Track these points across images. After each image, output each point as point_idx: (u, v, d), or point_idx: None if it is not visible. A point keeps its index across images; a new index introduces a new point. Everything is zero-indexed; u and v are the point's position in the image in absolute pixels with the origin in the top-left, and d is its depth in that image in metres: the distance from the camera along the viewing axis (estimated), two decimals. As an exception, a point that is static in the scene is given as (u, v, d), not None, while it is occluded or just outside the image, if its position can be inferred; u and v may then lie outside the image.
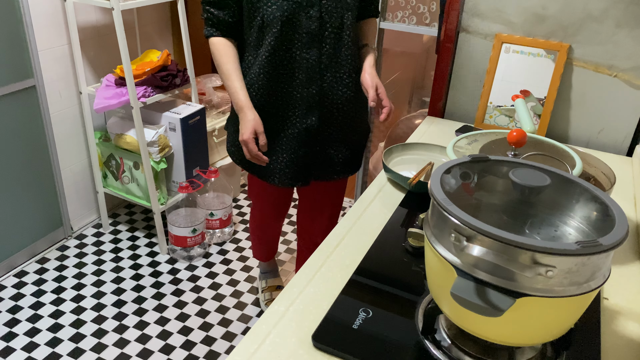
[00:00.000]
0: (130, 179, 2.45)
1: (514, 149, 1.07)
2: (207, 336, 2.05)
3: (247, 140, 1.43)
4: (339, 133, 1.58)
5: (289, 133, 1.53)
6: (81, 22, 2.36)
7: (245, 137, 1.43)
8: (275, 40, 1.40)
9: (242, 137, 1.43)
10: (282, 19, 1.38)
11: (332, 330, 0.87)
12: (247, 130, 1.42)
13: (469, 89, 1.73)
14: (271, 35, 1.40)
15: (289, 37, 1.41)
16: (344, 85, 1.50)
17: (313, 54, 1.43)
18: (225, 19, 1.44)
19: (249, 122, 1.43)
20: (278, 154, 1.56)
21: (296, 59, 1.44)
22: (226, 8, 1.43)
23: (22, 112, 2.22)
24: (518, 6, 1.57)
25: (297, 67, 1.45)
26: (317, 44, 1.43)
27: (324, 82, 1.48)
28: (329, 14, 1.41)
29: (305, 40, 1.41)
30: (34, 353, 1.95)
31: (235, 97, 1.45)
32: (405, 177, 1.30)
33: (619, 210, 0.73)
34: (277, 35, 1.39)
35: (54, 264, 2.40)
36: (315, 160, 1.59)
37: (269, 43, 1.41)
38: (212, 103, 2.80)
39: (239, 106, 1.45)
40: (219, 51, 1.46)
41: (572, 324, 0.78)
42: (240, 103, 1.44)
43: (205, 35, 1.48)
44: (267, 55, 1.43)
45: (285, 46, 1.42)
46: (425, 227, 0.79)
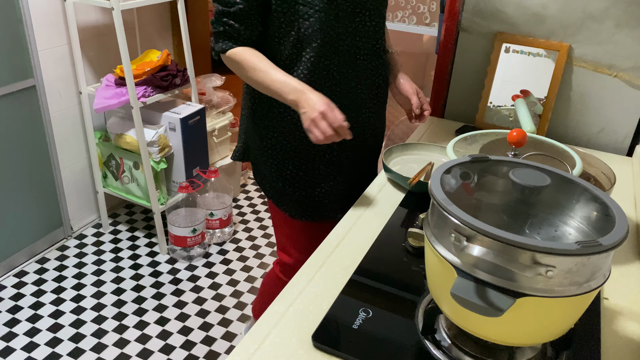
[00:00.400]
0: (130, 179, 2.45)
1: (514, 149, 1.07)
2: (207, 336, 2.05)
3: (326, 109, 1.14)
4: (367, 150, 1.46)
5: (326, 158, 1.37)
6: (81, 22, 2.36)
7: (323, 108, 1.14)
8: (315, 57, 1.25)
9: (319, 109, 1.14)
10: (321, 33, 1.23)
11: (332, 330, 0.87)
12: (321, 101, 1.15)
13: (469, 89, 1.73)
14: (310, 50, 1.24)
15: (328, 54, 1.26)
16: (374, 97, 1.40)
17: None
18: (246, 34, 1.23)
19: (319, 96, 1.16)
20: (321, 185, 1.39)
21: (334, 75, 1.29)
22: (249, 21, 1.23)
23: (22, 112, 2.22)
24: (518, 6, 1.57)
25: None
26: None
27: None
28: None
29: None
30: (34, 353, 1.95)
31: (287, 87, 1.19)
32: (405, 177, 1.30)
33: (619, 210, 0.73)
34: (317, 50, 1.24)
35: (54, 264, 2.40)
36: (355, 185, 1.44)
37: (307, 59, 1.25)
38: (212, 103, 2.80)
39: (298, 90, 1.18)
40: (245, 56, 1.23)
41: (572, 324, 0.78)
42: (299, 87, 1.18)
43: (219, 50, 1.26)
44: (306, 73, 1.26)
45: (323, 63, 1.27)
46: (425, 227, 0.79)
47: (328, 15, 1.21)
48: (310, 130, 1.16)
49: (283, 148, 1.35)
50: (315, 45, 1.23)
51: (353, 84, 1.31)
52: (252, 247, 2.58)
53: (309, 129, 1.16)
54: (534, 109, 1.60)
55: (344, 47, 1.26)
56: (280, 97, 1.21)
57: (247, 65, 1.23)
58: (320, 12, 1.20)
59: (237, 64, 1.25)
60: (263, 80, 1.22)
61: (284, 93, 1.20)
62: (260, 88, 1.24)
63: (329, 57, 1.26)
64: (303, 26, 1.22)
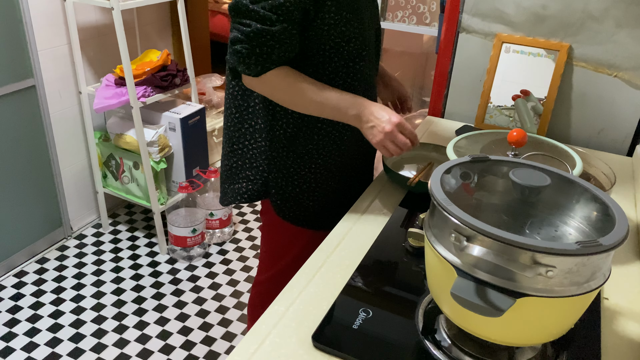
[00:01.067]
0: (130, 179, 2.45)
1: (514, 149, 1.07)
2: (207, 336, 2.05)
3: (401, 120, 1.10)
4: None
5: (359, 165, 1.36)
6: (81, 22, 2.36)
7: (398, 119, 1.10)
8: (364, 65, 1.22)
9: (394, 121, 1.09)
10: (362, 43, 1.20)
11: (332, 330, 0.87)
12: (391, 113, 1.11)
13: (469, 89, 1.73)
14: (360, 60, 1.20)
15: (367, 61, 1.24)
16: None
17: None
18: (285, 56, 1.11)
19: (382, 107, 1.12)
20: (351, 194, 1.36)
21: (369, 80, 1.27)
22: (290, 41, 1.10)
23: (22, 112, 2.22)
24: (518, 6, 1.57)
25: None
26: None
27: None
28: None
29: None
30: (33, 353, 1.95)
31: (345, 102, 1.12)
32: (405, 177, 1.30)
33: (619, 210, 0.73)
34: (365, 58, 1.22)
35: (54, 264, 2.40)
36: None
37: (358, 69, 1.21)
38: (212, 103, 2.81)
39: (358, 104, 1.12)
40: (288, 77, 1.12)
41: (572, 324, 0.78)
42: (358, 100, 1.13)
43: (251, 74, 1.11)
44: (356, 85, 1.22)
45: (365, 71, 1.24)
46: (425, 227, 0.79)
47: (364, 21, 1.19)
48: (384, 144, 1.11)
49: (327, 167, 1.28)
50: (365, 54, 1.20)
51: (374, 84, 1.32)
52: (252, 247, 2.58)
53: (381, 144, 1.11)
54: (534, 109, 1.61)
55: (370, 51, 1.26)
56: (339, 114, 1.13)
57: (294, 86, 1.12)
58: (363, 20, 1.18)
59: (279, 86, 1.13)
60: (315, 99, 1.12)
61: (343, 109, 1.12)
62: (308, 108, 1.15)
63: (367, 65, 1.24)
64: (354, 36, 1.16)
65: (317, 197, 1.31)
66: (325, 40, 1.14)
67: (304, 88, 1.12)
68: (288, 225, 1.34)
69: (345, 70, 1.19)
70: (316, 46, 1.15)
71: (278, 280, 1.43)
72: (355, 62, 1.19)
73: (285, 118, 1.22)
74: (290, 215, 1.33)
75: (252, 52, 1.08)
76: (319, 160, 1.26)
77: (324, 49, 1.15)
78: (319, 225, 1.35)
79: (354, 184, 1.37)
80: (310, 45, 1.15)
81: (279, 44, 1.08)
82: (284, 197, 1.30)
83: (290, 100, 1.15)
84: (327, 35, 1.14)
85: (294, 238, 1.38)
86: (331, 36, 1.14)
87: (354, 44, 1.17)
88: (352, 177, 1.36)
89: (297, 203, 1.31)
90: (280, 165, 1.27)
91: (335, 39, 1.15)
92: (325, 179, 1.29)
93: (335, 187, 1.32)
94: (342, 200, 1.35)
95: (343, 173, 1.32)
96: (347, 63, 1.18)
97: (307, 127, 1.22)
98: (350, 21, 1.15)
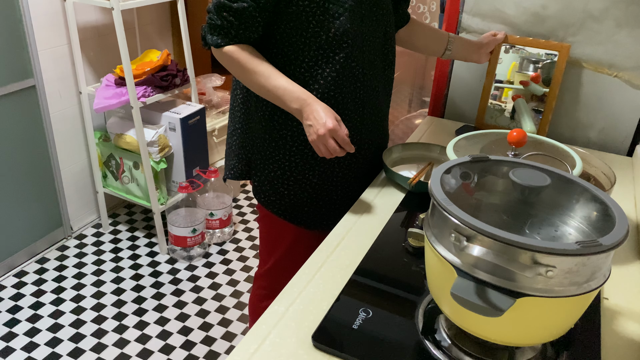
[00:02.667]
0: (130, 179, 2.45)
1: (514, 149, 1.07)
2: (207, 336, 2.05)
3: (335, 126, 1.12)
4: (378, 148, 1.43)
5: (345, 163, 1.33)
6: (81, 22, 2.36)
7: (332, 125, 1.11)
8: (344, 58, 1.21)
9: (328, 126, 1.11)
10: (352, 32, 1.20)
11: (332, 330, 0.87)
12: (329, 116, 1.12)
13: (469, 89, 1.73)
14: (340, 51, 1.20)
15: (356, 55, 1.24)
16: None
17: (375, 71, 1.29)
18: (245, 35, 1.16)
19: (325, 109, 1.13)
20: (338, 191, 1.35)
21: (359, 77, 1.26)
22: (250, 22, 1.15)
23: (22, 112, 2.22)
24: (518, 6, 1.57)
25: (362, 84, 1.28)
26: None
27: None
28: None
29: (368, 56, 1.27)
30: (33, 353, 1.95)
31: (290, 95, 1.15)
32: (405, 177, 1.30)
33: (619, 210, 0.73)
34: (347, 51, 1.21)
35: (54, 264, 2.40)
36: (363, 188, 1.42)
37: (337, 61, 1.21)
38: (212, 103, 2.81)
39: (302, 99, 1.14)
40: (244, 56, 1.16)
41: (572, 324, 0.78)
42: (302, 95, 1.15)
43: (212, 44, 1.18)
44: (334, 76, 1.22)
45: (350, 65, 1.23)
46: (425, 227, 0.79)
47: (355, 14, 1.19)
48: (316, 145, 1.14)
49: (304, 158, 1.29)
50: (346, 46, 1.19)
51: (373, 85, 1.30)
52: (252, 247, 2.58)
53: (315, 144, 1.14)
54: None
55: (366, 48, 1.24)
56: (282, 104, 1.17)
57: (246, 67, 1.16)
58: (349, 11, 1.18)
59: (233, 63, 1.18)
60: (264, 84, 1.16)
61: (287, 101, 1.15)
62: (259, 92, 1.20)
63: (355, 59, 1.22)
64: (334, 26, 1.17)
65: (292, 186, 1.32)
66: (305, 26, 1.17)
67: (255, 71, 1.16)
68: (274, 219, 1.38)
69: (324, 59, 1.20)
70: (297, 31, 1.18)
71: (272, 275, 1.48)
72: (335, 53, 1.19)
73: (263, 101, 1.25)
74: (265, 199, 1.37)
75: (214, 24, 1.15)
76: (294, 147, 1.28)
77: (304, 35, 1.18)
78: (299, 219, 1.36)
79: (343, 186, 1.34)
80: (291, 30, 1.18)
81: (238, 21, 1.14)
82: (261, 179, 1.35)
83: (242, 80, 1.20)
84: (305, 22, 1.17)
85: (282, 232, 1.40)
86: (310, 23, 1.17)
87: (333, 34, 1.17)
88: (340, 177, 1.33)
89: (273, 188, 1.34)
90: (260, 146, 1.31)
91: (314, 28, 1.17)
92: (301, 170, 1.30)
93: (316, 184, 1.32)
94: (329, 201, 1.35)
95: (326, 170, 1.31)
96: (327, 52, 1.19)
97: (282, 112, 1.25)
98: (328, 11, 1.16)
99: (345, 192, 1.36)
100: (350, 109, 1.26)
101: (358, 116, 1.29)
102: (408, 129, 2.67)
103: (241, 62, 1.17)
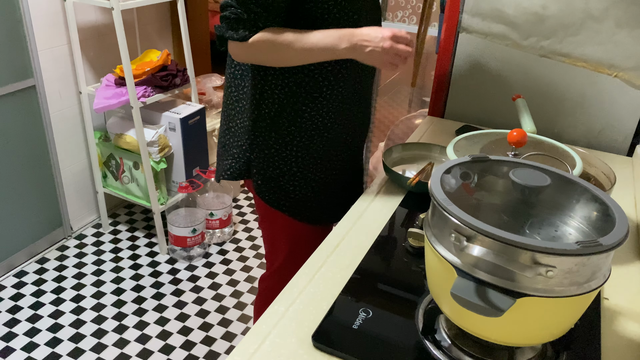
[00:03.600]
0: (130, 179, 2.45)
1: (514, 149, 1.07)
2: (207, 336, 2.05)
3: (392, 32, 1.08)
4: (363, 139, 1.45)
5: (343, 157, 1.35)
6: (81, 22, 2.36)
7: (389, 32, 1.08)
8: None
9: (386, 35, 1.08)
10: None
11: (332, 330, 0.87)
12: (379, 30, 1.09)
13: (469, 89, 1.73)
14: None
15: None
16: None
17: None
18: (272, 24, 1.14)
19: (370, 28, 1.11)
20: (331, 186, 1.36)
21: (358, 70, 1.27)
22: (277, 11, 1.13)
23: (22, 112, 2.22)
24: (518, 6, 1.57)
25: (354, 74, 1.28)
26: None
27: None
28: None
29: None
30: (33, 353, 1.95)
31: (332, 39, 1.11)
32: (405, 177, 1.30)
33: (619, 210, 0.73)
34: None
35: (54, 264, 2.40)
36: (358, 181, 1.46)
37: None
38: (212, 103, 2.80)
39: (345, 36, 1.10)
40: (269, 35, 1.12)
41: (572, 324, 0.78)
42: (343, 32, 1.11)
43: (237, 38, 1.13)
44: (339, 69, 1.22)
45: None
46: (425, 227, 0.79)
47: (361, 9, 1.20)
48: (389, 61, 1.10)
49: (309, 153, 1.29)
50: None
51: (367, 78, 1.32)
52: (252, 247, 2.58)
53: (387, 61, 1.10)
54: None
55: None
56: (331, 53, 1.12)
57: (278, 43, 1.12)
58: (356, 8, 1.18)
59: (263, 48, 1.13)
60: (303, 46, 1.11)
61: (334, 46, 1.11)
62: (300, 58, 1.15)
63: None
64: (348, 22, 1.17)
65: (298, 182, 1.31)
66: (320, 24, 1.16)
67: (290, 39, 1.12)
68: (277, 217, 1.36)
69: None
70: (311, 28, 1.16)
71: (280, 276, 1.45)
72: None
73: (271, 98, 1.23)
74: (270, 197, 1.34)
75: (238, 17, 1.11)
76: (301, 143, 1.27)
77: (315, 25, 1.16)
78: (303, 215, 1.36)
79: (341, 178, 1.38)
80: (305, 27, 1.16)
81: (267, 12, 1.11)
82: (265, 177, 1.32)
83: (279, 57, 1.15)
84: (320, 19, 1.15)
85: (284, 230, 1.39)
86: (325, 21, 1.15)
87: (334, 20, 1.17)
88: (340, 170, 1.36)
89: (278, 186, 1.32)
90: (263, 144, 1.28)
91: (329, 25, 1.16)
92: (307, 165, 1.30)
93: (320, 178, 1.33)
94: (330, 195, 1.37)
95: (328, 164, 1.32)
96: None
97: (292, 107, 1.24)
98: (344, 9, 1.16)
99: (344, 185, 1.39)
100: (350, 101, 1.28)
101: (356, 107, 1.31)
102: (408, 129, 2.67)
103: (274, 38, 1.12)
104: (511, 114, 1.63)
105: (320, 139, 1.28)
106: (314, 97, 1.24)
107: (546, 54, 1.58)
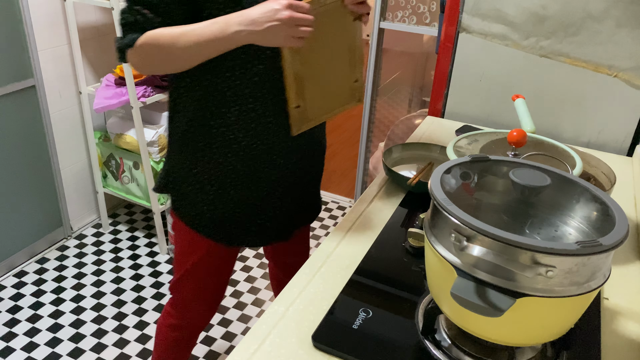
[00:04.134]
0: (130, 179, 2.45)
1: (514, 149, 1.07)
2: (207, 336, 2.05)
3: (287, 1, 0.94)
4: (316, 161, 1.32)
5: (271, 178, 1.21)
6: (81, 22, 2.35)
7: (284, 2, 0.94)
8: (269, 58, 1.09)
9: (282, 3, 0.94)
10: None
11: (332, 330, 0.87)
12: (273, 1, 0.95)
13: (469, 89, 1.73)
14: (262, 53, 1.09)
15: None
16: None
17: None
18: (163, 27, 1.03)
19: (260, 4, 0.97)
20: (266, 208, 1.24)
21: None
22: (170, 15, 1.02)
23: (22, 112, 2.22)
24: (518, 6, 1.57)
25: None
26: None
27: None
28: None
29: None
30: (33, 353, 1.95)
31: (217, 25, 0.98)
32: (405, 177, 1.30)
33: (619, 210, 0.73)
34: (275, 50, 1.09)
35: (54, 264, 2.40)
36: (300, 204, 1.32)
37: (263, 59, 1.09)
38: (212, 103, 2.80)
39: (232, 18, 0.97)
40: (155, 34, 1.01)
41: (572, 324, 0.78)
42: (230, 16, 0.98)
43: (128, 43, 1.03)
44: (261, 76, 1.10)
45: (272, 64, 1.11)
46: (425, 227, 0.79)
47: None
48: (291, 34, 0.95)
49: (223, 171, 1.17)
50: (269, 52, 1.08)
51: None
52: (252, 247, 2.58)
53: (289, 35, 0.95)
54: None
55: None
56: (223, 41, 0.99)
57: (165, 41, 1.00)
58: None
59: (151, 49, 1.02)
60: (189, 39, 0.99)
61: (223, 32, 0.97)
62: (191, 57, 1.03)
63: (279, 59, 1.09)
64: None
65: (212, 200, 1.21)
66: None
67: (174, 34, 1.00)
68: (187, 230, 1.27)
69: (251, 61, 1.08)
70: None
71: (179, 286, 1.38)
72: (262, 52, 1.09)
73: (183, 110, 1.15)
74: (184, 213, 1.25)
75: (127, 22, 1.02)
76: (212, 160, 1.17)
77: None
78: (220, 236, 1.25)
79: (273, 202, 1.24)
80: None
81: (154, 13, 1.02)
82: (179, 193, 1.24)
83: (167, 58, 1.04)
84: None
85: (194, 243, 1.28)
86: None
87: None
88: (269, 192, 1.22)
89: (191, 203, 1.23)
90: (177, 159, 1.21)
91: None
92: (222, 184, 1.19)
93: (241, 199, 1.21)
94: (255, 217, 1.24)
95: (251, 184, 1.20)
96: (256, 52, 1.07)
97: (200, 122, 1.14)
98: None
99: (275, 211, 1.25)
100: (275, 120, 1.15)
101: (287, 128, 1.16)
102: (408, 129, 2.67)
103: (156, 40, 1.01)
104: (511, 114, 1.63)
105: (236, 157, 1.16)
106: (222, 112, 1.12)
107: (546, 54, 1.58)
